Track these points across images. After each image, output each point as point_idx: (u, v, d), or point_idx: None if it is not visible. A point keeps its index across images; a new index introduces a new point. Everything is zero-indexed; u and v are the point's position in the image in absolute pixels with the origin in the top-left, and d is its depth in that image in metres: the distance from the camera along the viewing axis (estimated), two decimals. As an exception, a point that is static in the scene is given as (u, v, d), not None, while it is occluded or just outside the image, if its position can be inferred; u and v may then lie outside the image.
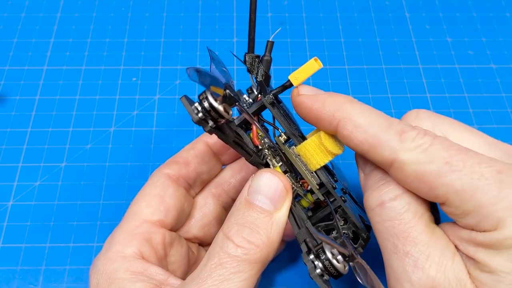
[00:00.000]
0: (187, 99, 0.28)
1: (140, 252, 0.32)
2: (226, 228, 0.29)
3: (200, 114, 0.27)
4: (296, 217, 0.33)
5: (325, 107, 0.29)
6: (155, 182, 0.36)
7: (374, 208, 0.27)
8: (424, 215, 0.27)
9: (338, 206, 0.33)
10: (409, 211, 0.26)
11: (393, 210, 0.26)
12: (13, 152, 0.49)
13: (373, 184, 0.28)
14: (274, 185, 0.30)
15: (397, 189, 0.27)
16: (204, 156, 0.38)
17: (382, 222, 0.27)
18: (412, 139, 0.27)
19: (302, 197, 0.35)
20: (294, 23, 0.60)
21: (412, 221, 0.26)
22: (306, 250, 0.30)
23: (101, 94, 0.54)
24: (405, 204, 0.26)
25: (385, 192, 0.27)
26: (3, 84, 0.54)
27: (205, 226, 0.38)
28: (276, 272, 0.43)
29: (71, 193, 0.47)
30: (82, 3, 0.62)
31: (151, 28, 0.60)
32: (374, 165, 0.30)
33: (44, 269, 0.43)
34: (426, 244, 0.26)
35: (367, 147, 0.28)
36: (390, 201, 0.26)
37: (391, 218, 0.26)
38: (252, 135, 0.33)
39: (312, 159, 0.31)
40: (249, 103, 0.36)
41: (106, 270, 0.31)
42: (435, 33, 0.60)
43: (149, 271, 0.31)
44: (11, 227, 0.45)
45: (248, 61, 0.33)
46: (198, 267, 0.29)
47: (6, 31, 0.59)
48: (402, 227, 0.26)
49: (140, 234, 0.33)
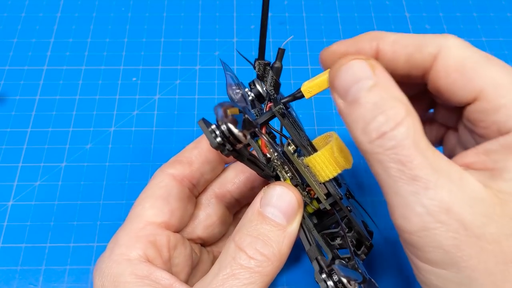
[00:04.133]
0: (205, 122, 0.28)
1: (145, 255, 0.32)
2: (239, 239, 0.29)
3: (219, 138, 0.27)
4: (306, 232, 0.33)
5: (361, 38, 0.31)
6: (159, 183, 0.35)
7: (374, 140, 0.26)
8: (424, 140, 0.26)
9: (344, 216, 0.33)
10: (410, 137, 0.25)
11: (394, 138, 0.25)
12: (13, 152, 0.49)
13: (367, 114, 0.26)
14: (288, 199, 0.30)
15: (396, 116, 0.26)
16: (208, 155, 0.37)
17: (384, 152, 0.25)
18: (455, 37, 0.29)
19: (307, 203, 0.34)
20: (294, 23, 0.60)
21: (416, 146, 0.25)
22: (319, 269, 0.31)
23: (101, 94, 0.54)
24: (406, 130, 0.25)
25: (386, 122, 0.25)
26: (3, 84, 0.54)
27: (209, 226, 0.38)
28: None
29: (71, 193, 0.47)
30: (82, 3, 0.62)
31: (151, 28, 0.60)
32: None
33: (44, 269, 0.43)
34: (432, 167, 0.25)
35: (410, 49, 0.29)
36: (391, 131, 0.25)
37: (394, 146, 0.25)
38: (261, 144, 0.33)
39: (321, 171, 0.31)
40: (259, 110, 0.35)
41: (111, 273, 0.31)
42: (435, 33, 0.60)
43: (154, 275, 0.31)
44: (11, 227, 0.45)
45: (258, 68, 0.33)
46: (207, 276, 0.29)
47: (6, 31, 0.59)
48: (406, 152, 0.25)
49: (145, 237, 0.32)
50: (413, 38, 0.29)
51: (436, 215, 0.24)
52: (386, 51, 0.30)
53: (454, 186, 0.25)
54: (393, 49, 0.30)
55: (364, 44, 0.30)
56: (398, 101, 0.26)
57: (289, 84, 0.55)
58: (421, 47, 0.29)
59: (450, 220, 0.24)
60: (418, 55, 0.29)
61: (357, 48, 0.31)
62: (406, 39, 0.30)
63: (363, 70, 0.27)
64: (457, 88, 0.28)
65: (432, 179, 0.24)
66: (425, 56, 0.29)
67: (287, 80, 0.55)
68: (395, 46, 0.30)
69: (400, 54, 0.30)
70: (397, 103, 0.26)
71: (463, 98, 0.28)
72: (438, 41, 0.29)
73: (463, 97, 0.28)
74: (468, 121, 0.29)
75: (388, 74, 0.27)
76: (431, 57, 0.29)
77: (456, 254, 0.24)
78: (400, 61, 0.30)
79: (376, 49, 0.30)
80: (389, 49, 0.30)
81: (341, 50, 0.31)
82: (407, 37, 0.30)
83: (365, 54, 0.30)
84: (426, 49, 0.29)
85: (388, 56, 0.30)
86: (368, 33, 0.31)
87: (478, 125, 0.28)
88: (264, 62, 0.33)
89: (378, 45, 0.30)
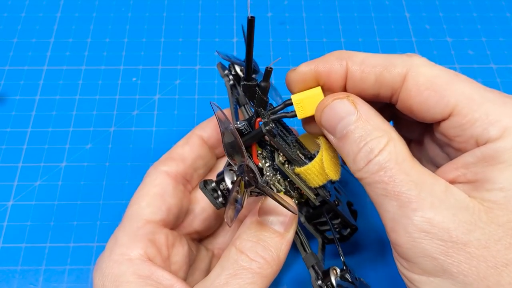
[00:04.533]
0: (205, 183, 0.31)
1: (146, 254, 0.32)
2: (239, 244, 0.31)
3: (220, 199, 0.31)
4: (302, 240, 0.35)
5: (329, 57, 0.31)
6: (154, 181, 0.35)
7: (361, 168, 0.28)
8: (408, 160, 0.28)
9: (332, 209, 0.36)
10: (391, 160, 0.27)
11: (378, 163, 0.27)
12: (13, 152, 0.49)
13: (354, 147, 0.28)
14: (285, 210, 0.31)
15: (379, 144, 0.28)
16: (200, 151, 0.38)
17: (370, 176, 0.28)
18: (420, 57, 0.30)
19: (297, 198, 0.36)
20: (294, 23, 0.60)
21: (398, 167, 0.27)
22: (315, 276, 0.33)
23: (101, 94, 0.54)
24: (387, 155, 0.27)
25: (370, 151, 0.28)
26: (3, 84, 0.54)
27: (206, 220, 0.38)
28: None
29: (71, 193, 0.47)
30: (82, 3, 0.62)
31: (151, 28, 0.60)
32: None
33: (44, 269, 0.43)
34: (415, 183, 0.26)
35: (379, 69, 0.30)
36: (375, 157, 0.27)
37: (378, 170, 0.27)
38: (252, 155, 0.34)
39: (312, 180, 0.33)
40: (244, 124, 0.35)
41: (112, 273, 0.31)
42: (435, 33, 0.60)
43: (156, 275, 0.31)
44: (11, 227, 0.45)
45: (246, 89, 0.33)
46: (209, 276, 0.30)
47: (6, 31, 0.59)
48: (389, 173, 0.27)
49: (144, 236, 0.33)
50: (381, 58, 0.30)
51: (420, 225, 0.26)
52: (355, 71, 0.30)
53: (435, 198, 0.26)
54: (362, 69, 0.30)
55: (334, 63, 0.31)
56: (381, 130, 0.28)
57: (289, 84, 0.55)
58: (389, 67, 0.30)
59: (434, 229, 0.25)
60: (387, 75, 0.30)
61: (327, 67, 0.31)
62: (373, 59, 0.30)
63: (346, 107, 0.29)
64: (431, 105, 0.29)
65: (414, 193, 0.26)
66: (394, 75, 0.29)
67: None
68: (363, 66, 0.30)
69: (369, 73, 0.30)
70: (379, 132, 0.28)
71: (437, 114, 0.29)
72: (406, 60, 0.30)
73: (437, 113, 0.29)
74: (442, 136, 0.30)
75: (369, 106, 0.29)
76: (401, 77, 0.29)
77: (446, 261, 0.25)
78: (369, 81, 0.30)
79: (345, 69, 0.30)
80: (358, 68, 0.30)
81: (310, 70, 0.31)
82: (374, 57, 0.30)
83: (335, 73, 0.31)
84: (394, 69, 0.29)
85: (356, 76, 0.30)
86: (334, 53, 0.31)
87: (454, 140, 0.29)
88: (251, 84, 0.33)
89: (347, 64, 0.30)
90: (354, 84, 0.31)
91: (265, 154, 0.35)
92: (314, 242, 0.40)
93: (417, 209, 0.26)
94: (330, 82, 0.31)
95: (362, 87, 0.30)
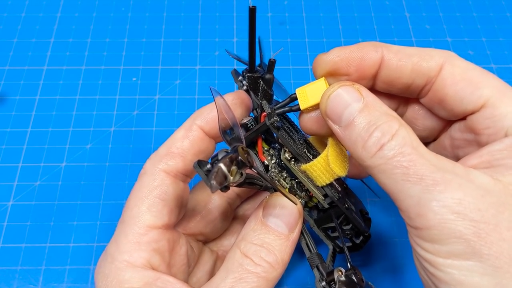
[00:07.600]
0: (200, 164, 0.28)
1: (149, 264, 0.32)
2: (244, 247, 0.31)
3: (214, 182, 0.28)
4: (307, 240, 0.34)
5: (365, 45, 0.31)
6: (153, 181, 0.34)
7: (374, 154, 0.27)
8: (422, 145, 0.27)
9: (342, 213, 0.34)
10: (407, 144, 0.26)
11: (393, 148, 0.26)
12: (13, 152, 0.49)
13: (363, 133, 0.28)
14: (289, 210, 0.32)
15: (391, 128, 0.27)
16: (201, 145, 0.35)
17: (386, 162, 0.26)
18: (453, 52, 0.31)
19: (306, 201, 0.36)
20: (294, 23, 0.60)
21: (415, 151, 0.26)
22: (319, 276, 0.32)
23: (101, 94, 0.54)
24: (402, 139, 0.27)
25: (382, 135, 0.27)
26: (3, 84, 0.54)
27: (211, 222, 0.38)
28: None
29: (71, 193, 0.47)
30: (82, 3, 0.62)
31: (151, 28, 0.60)
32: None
33: (44, 269, 0.43)
34: (436, 166, 0.26)
35: (416, 59, 0.31)
36: (389, 142, 0.27)
37: (394, 155, 0.26)
38: (258, 152, 0.33)
39: (318, 177, 0.33)
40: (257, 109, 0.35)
41: (117, 279, 0.31)
42: (435, 33, 0.60)
43: (161, 279, 0.31)
44: (11, 227, 0.45)
45: (250, 81, 0.33)
46: (214, 279, 0.30)
47: (6, 31, 0.59)
48: (408, 157, 0.26)
49: (147, 244, 0.32)
50: (416, 50, 0.31)
51: (451, 206, 0.25)
52: (391, 59, 0.31)
53: (462, 180, 0.26)
54: (398, 57, 0.31)
55: (369, 50, 0.31)
56: (390, 115, 0.28)
57: (289, 84, 0.55)
58: (426, 57, 0.31)
59: (466, 210, 0.25)
60: (424, 64, 0.31)
61: (362, 54, 0.31)
62: (409, 50, 0.31)
63: (351, 94, 0.29)
64: (465, 95, 0.30)
65: (439, 176, 0.25)
66: (431, 65, 0.31)
67: (287, 80, 0.55)
68: (399, 55, 0.31)
69: (406, 62, 0.31)
70: (389, 117, 0.27)
71: (470, 105, 0.30)
72: (442, 52, 0.31)
73: (470, 104, 0.30)
74: (466, 132, 0.31)
75: (374, 95, 0.29)
76: (438, 67, 0.30)
77: (478, 242, 0.25)
78: (405, 70, 0.31)
79: (381, 57, 0.31)
80: (394, 57, 0.31)
81: (343, 54, 0.31)
82: (409, 48, 0.31)
83: (370, 60, 0.31)
84: (431, 58, 0.31)
85: (393, 64, 0.31)
86: (370, 42, 0.32)
87: (483, 133, 0.29)
88: (255, 75, 0.33)
89: (383, 53, 0.31)
90: (388, 73, 0.31)
91: (272, 152, 0.34)
92: (324, 250, 0.38)
93: (445, 191, 0.25)
94: (362, 69, 0.31)
95: (397, 75, 0.31)
